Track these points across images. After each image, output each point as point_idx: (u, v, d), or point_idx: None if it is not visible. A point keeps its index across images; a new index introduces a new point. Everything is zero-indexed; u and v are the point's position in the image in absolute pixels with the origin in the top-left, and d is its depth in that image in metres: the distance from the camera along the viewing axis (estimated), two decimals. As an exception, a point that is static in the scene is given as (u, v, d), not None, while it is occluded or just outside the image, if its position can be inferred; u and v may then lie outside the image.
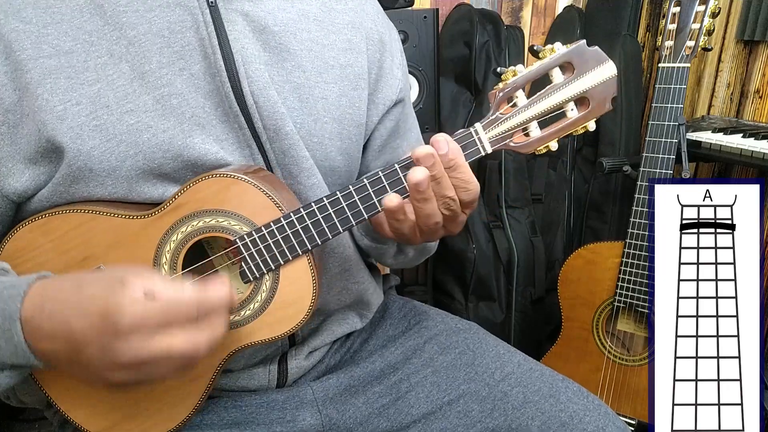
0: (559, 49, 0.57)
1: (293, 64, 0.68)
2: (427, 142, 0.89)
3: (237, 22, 0.64)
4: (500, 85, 0.58)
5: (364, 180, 0.59)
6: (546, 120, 0.60)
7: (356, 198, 0.60)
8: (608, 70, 0.58)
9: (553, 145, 0.60)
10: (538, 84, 0.60)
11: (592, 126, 0.60)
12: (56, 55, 0.59)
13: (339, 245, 0.74)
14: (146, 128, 0.61)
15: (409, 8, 1.46)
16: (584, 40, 0.58)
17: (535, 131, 0.59)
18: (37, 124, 0.58)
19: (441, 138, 0.57)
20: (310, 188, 0.69)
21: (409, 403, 0.75)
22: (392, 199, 0.57)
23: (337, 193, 0.60)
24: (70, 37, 0.59)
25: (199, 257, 0.65)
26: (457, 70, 1.63)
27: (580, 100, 0.59)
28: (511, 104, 0.58)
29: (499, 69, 0.62)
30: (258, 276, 0.62)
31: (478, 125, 0.59)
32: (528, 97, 0.58)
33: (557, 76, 0.58)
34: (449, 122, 1.63)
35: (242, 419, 0.73)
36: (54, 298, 0.51)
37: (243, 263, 0.62)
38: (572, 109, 0.59)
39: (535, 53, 0.60)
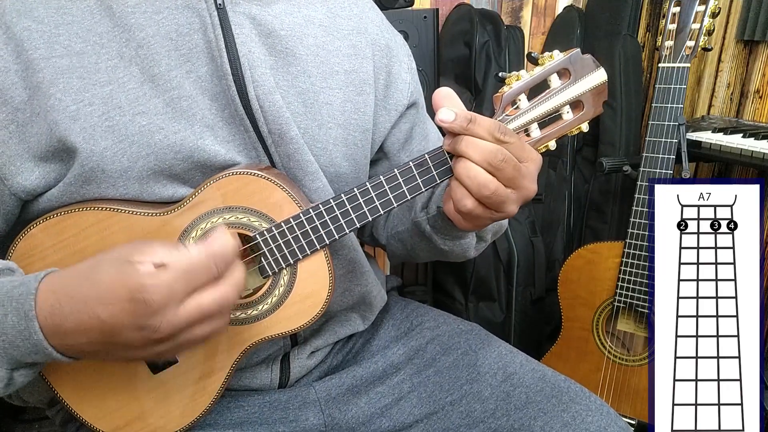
0: (558, 56, 0.61)
1: (299, 69, 0.68)
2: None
3: (244, 26, 0.64)
4: (505, 88, 0.61)
5: (381, 177, 0.61)
6: (544, 121, 0.63)
7: (373, 194, 0.62)
8: (600, 76, 0.62)
9: (552, 145, 0.64)
10: (534, 89, 0.63)
11: (585, 127, 0.64)
12: (68, 55, 0.59)
13: (344, 247, 0.74)
14: (158, 130, 0.61)
15: (409, 8, 1.46)
16: (579, 49, 0.62)
17: (535, 132, 0.63)
18: (49, 124, 0.58)
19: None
20: (315, 192, 0.69)
21: (412, 403, 0.75)
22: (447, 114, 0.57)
23: (355, 189, 0.61)
24: (81, 39, 0.60)
25: None
26: (457, 70, 1.63)
27: (575, 104, 0.63)
28: (514, 107, 0.62)
29: (501, 74, 0.65)
30: (277, 270, 0.64)
31: None
32: (528, 101, 0.62)
33: (555, 81, 0.62)
34: (449, 122, 1.62)
35: (245, 419, 0.73)
36: (69, 295, 0.51)
37: (262, 258, 0.63)
38: (568, 112, 0.63)
39: (534, 60, 0.63)
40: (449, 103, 0.58)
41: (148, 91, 0.61)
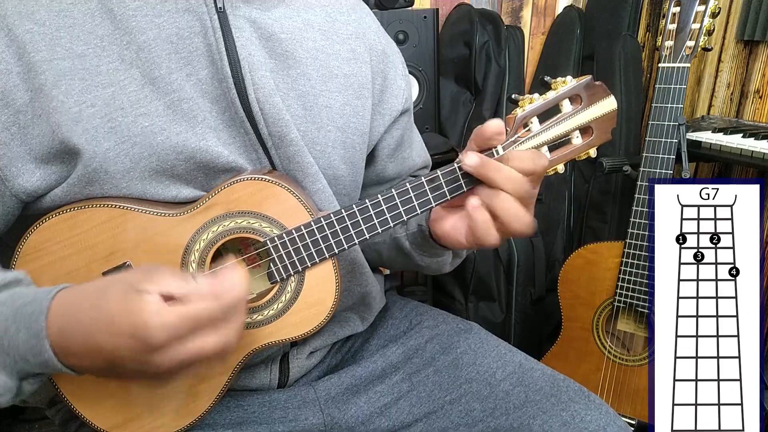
0: (570, 81, 0.62)
1: (298, 72, 0.68)
2: (426, 140, 0.90)
3: (244, 29, 0.64)
4: (518, 110, 0.62)
5: (393, 191, 0.62)
6: (554, 145, 0.64)
7: (384, 207, 0.63)
8: (610, 104, 0.63)
9: (561, 168, 0.65)
10: (546, 112, 0.64)
11: (593, 152, 0.65)
12: (69, 57, 0.59)
13: (346, 247, 0.74)
14: (160, 131, 0.61)
15: (409, 8, 1.46)
16: (590, 76, 0.63)
17: (545, 155, 0.64)
18: (51, 126, 0.58)
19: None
20: (315, 193, 0.69)
21: (411, 402, 0.75)
22: (471, 157, 0.60)
23: (366, 201, 0.62)
24: (82, 41, 0.60)
25: (215, 264, 0.66)
26: (457, 70, 1.64)
27: (585, 129, 0.64)
28: (526, 129, 0.63)
29: (514, 96, 0.66)
30: (285, 277, 0.64)
31: (499, 147, 0.63)
32: (540, 124, 0.63)
33: (566, 106, 0.63)
34: (449, 122, 1.63)
35: (245, 419, 0.73)
36: (76, 319, 0.51)
37: (271, 264, 0.64)
38: (577, 137, 0.64)
39: (546, 84, 0.65)
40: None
41: (149, 93, 0.61)
